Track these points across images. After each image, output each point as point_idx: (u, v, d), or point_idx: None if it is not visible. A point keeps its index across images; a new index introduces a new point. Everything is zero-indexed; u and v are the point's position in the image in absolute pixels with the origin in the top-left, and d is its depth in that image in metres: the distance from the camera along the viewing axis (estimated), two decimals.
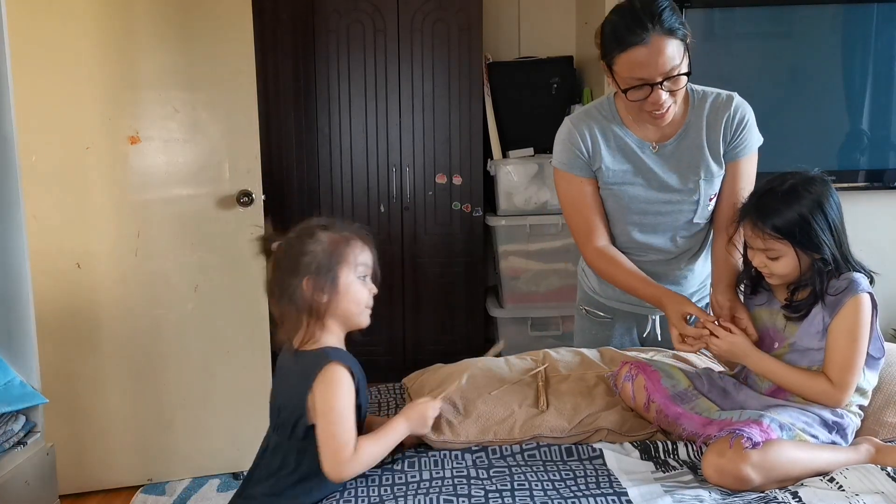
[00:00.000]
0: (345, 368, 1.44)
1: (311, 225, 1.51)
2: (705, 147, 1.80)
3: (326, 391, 1.42)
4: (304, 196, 3.64)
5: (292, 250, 1.48)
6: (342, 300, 1.48)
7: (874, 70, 3.08)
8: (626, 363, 1.74)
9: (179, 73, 2.63)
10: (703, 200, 1.83)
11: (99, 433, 2.71)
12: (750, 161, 1.83)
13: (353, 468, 1.42)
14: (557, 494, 1.40)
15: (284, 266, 1.49)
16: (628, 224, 1.88)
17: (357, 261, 1.50)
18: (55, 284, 2.55)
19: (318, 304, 1.46)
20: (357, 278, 1.50)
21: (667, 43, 1.60)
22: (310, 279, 1.46)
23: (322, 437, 1.41)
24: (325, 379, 1.42)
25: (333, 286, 1.47)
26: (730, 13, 3.10)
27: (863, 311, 1.52)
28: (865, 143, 3.13)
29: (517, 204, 3.55)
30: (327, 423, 1.41)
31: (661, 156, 1.82)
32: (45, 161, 2.49)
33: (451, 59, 3.55)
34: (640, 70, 1.62)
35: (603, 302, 2.05)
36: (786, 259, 1.55)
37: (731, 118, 1.78)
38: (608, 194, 1.87)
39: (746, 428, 1.41)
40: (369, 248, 1.54)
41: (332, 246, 1.48)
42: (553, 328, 3.65)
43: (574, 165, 1.85)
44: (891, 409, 1.65)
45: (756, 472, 1.37)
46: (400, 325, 3.73)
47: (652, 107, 1.68)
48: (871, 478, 1.40)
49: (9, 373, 2.15)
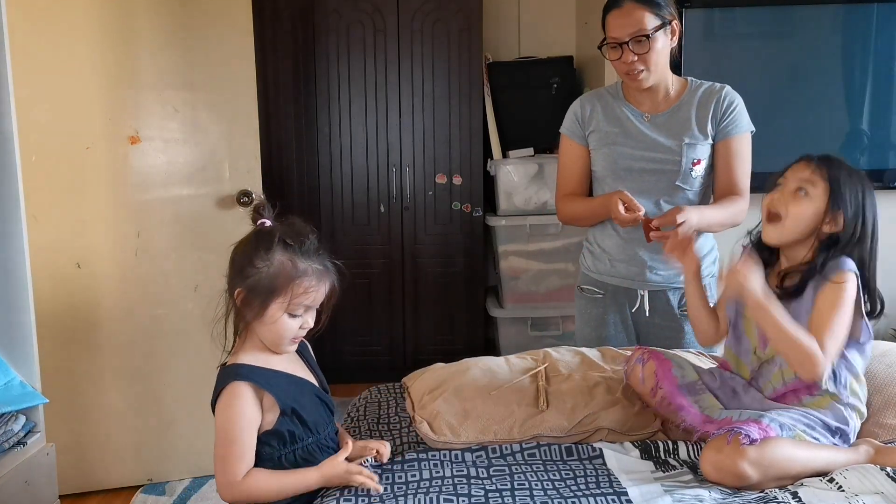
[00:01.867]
0: (247, 387, 1.41)
1: (275, 237, 1.43)
2: (693, 119, 2.04)
3: (221, 411, 1.41)
4: (304, 196, 3.64)
5: (246, 252, 1.44)
6: (263, 327, 1.44)
7: (874, 70, 3.08)
8: (639, 349, 1.76)
9: (179, 73, 2.63)
10: (686, 164, 2.03)
11: (99, 433, 2.70)
12: (742, 141, 2.05)
13: (237, 494, 1.39)
14: (557, 494, 1.40)
15: (237, 257, 1.46)
16: (617, 181, 2.08)
17: (293, 300, 1.41)
18: (55, 284, 2.55)
19: (242, 315, 1.44)
20: (286, 314, 1.43)
21: (636, 9, 1.93)
22: (243, 292, 1.43)
23: (214, 456, 1.40)
24: (223, 398, 1.41)
25: (260, 311, 1.42)
26: (730, 13, 3.10)
27: (848, 284, 1.51)
28: (865, 143, 3.13)
29: (517, 204, 3.55)
30: (217, 444, 1.40)
31: (653, 124, 2.06)
32: (45, 161, 2.49)
33: (451, 59, 3.55)
34: (613, 30, 1.96)
35: (596, 278, 2.19)
36: (809, 204, 1.55)
37: (722, 100, 2.04)
38: (599, 155, 2.11)
39: (745, 426, 1.42)
40: (325, 285, 1.45)
41: (275, 273, 1.41)
42: (553, 328, 3.65)
43: (571, 131, 2.16)
44: (890, 410, 1.65)
45: (753, 469, 1.37)
46: (400, 325, 3.73)
47: (625, 66, 1.97)
48: (871, 478, 1.40)
49: (9, 373, 2.15)
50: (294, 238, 1.44)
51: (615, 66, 2.01)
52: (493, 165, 3.54)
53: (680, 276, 2.09)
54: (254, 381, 1.42)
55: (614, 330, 2.17)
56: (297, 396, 1.47)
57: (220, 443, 1.41)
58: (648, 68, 1.97)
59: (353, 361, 3.68)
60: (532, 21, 3.93)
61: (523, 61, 3.70)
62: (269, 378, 1.44)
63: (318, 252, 1.45)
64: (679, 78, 2.10)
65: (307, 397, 1.49)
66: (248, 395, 1.41)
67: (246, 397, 1.40)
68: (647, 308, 2.13)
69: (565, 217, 2.20)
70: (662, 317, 2.13)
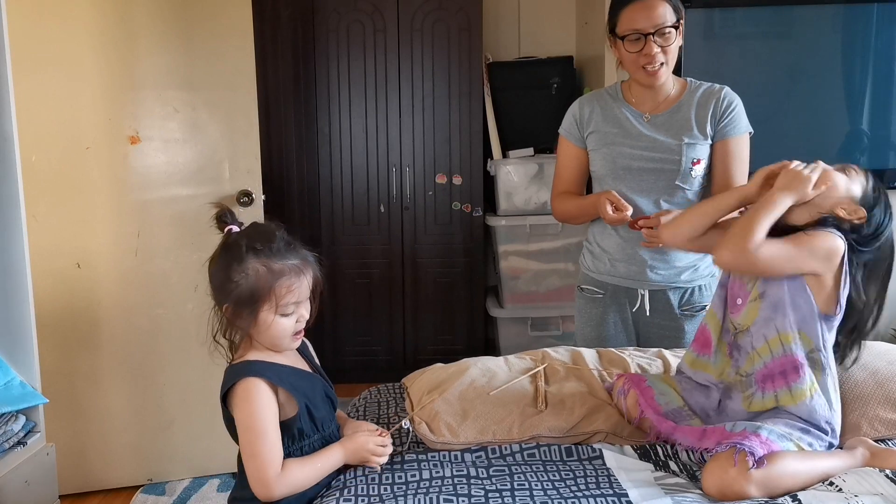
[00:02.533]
0: (262, 382, 1.40)
1: (244, 243, 1.42)
2: (692, 119, 2.05)
3: (242, 409, 1.39)
4: (304, 196, 3.64)
5: (223, 265, 1.43)
6: (262, 335, 1.44)
7: (874, 70, 3.08)
8: (621, 377, 1.74)
9: (179, 73, 2.63)
10: (686, 163, 2.03)
11: (99, 433, 2.71)
12: (740, 142, 2.05)
13: (279, 489, 1.38)
14: (557, 494, 1.40)
15: (215, 276, 1.45)
16: (616, 181, 2.08)
17: (280, 302, 1.41)
18: (55, 284, 2.55)
19: (238, 328, 1.44)
20: (278, 316, 1.42)
21: (659, 3, 1.95)
22: (230, 307, 1.42)
23: (245, 455, 1.38)
24: (239, 395, 1.39)
25: (252, 320, 1.42)
26: (730, 13, 3.10)
27: (821, 236, 1.52)
28: (865, 143, 3.13)
29: (517, 204, 3.55)
30: (247, 442, 1.38)
31: (653, 124, 2.07)
32: (45, 161, 2.49)
33: (451, 59, 3.56)
34: (636, 22, 1.95)
35: (596, 277, 2.19)
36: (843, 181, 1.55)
37: (721, 100, 2.05)
38: (598, 156, 2.11)
39: (746, 441, 1.40)
40: (307, 276, 1.43)
41: (255, 281, 1.40)
42: (553, 328, 3.65)
43: (569, 133, 2.17)
44: (889, 405, 1.66)
45: (759, 490, 1.37)
46: (400, 325, 3.73)
47: (646, 59, 1.97)
48: (870, 480, 1.40)
49: (9, 373, 2.15)
50: (262, 241, 1.42)
51: (631, 59, 2.00)
52: (493, 165, 3.54)
53: (680, 276, 2.09)
54: (267, 377, 1.41)
55: (614, 330, 2.17)
56: (309, 392, 1.47)
57: (249, 441, 1.38)
58: (668, 62, 1.99)
59: (353, 361, 3.68)
60: (532, 21, 3.93)
61: (523, 61, 3.70)
62: (281, 373, 1.44)
63: (290, 247, 1.44)
64: (679, 78, 2.11)
65: (318, 394, 1.49)
66: (265, 389, 1.40)
67: (263, 390, 1.39)
68: (647, 307, 2.13)
69: (559, 215, 2.24)
70: (662, 316, 2.13)
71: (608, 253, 2.14)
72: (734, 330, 1.64)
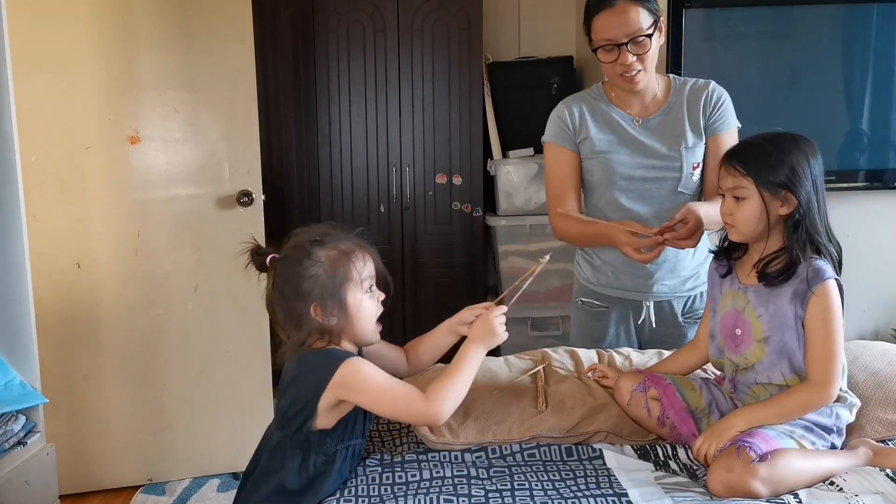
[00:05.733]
0: (359, 358, 1.42)
1: (303, 241, 1.42)
2: (686, 120, 1.98)
3: (354, 382, 1.38)
4: (304, 196, 3.64)
5: (291, 274, 1.41)
6: (355, 320, 1.43)
7: (874, 70, 3.08)
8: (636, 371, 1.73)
9: (179, 73, 2.63)
10: (687, 169, 1.97)
11: (99, 433, 2.71)
12: (730, 137, 2.00)
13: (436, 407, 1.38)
14: (557, 494, 1.40)
15: (286, 292, 1.41)
16: (615, 191, 2.00)
17: (362, 276, 1.42)
18: (55, 284, 2.55)
19: (329, 328, 1.42)
20: (364, 294, 1.44)
21: (632, 8, 1.84)
22: (317, 305, 1.40)
23: (389, 413, 1.43)
24: (347, 371, 1.38)
25: (343, 309, 1.41)
26: (730, 13, 3.09)
27: (832, 297, 1.49)
28: (865, 143, 3.13)
29: (517, 204, 3.55)
30: (380, 401, 1.39)
31: (646, 129, 1.99)
32: (45, 161, 2.49)
33: (451, 59, 3.55)
34: (608, 31, 1.86)
35: (597, 290, 2.11)
36: (750, 203, 1.51)
37: (710, 96, 1.99)
38: (595, 164, 2.02)
39: (749, 438, 1.41)
40: (370, 254, 1.46)
41: (332, 266, 1.40)
42: (553, 328, 3.65)
43: (559, 137, 2.05)
44: (890, 407, 1.66)
45: (764, 487, 1.37)
46: (400, 325, 3.72)
47: (622, 69, 1.89)
48: (871, 479, 1.41)
49: (9, 373, 2.16)
50: (318, 234, 1.44)
51: (608, 68, 1.92)
52: (493, 165, 3.54)
53: (685, 284, 2.05)
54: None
55: (616, 342, 2.11)
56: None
57: (379, 395, 1.39)
58: (646, 69, 1.91)
59: None
60: (532, 21, 3.93)
61: (523, 61, 3.70)
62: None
63: (345, 231, 1.46)
64: (662, 76, 2.04)
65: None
66: (365, 361, 1.41)
67: (365, 363, 1.41)
68: (653, 319, 2.07)
69: (560, 235, 2.07)
70: (665, 324, 2.08)
71: (611, 265, 2.06)
72: (734, 367, 1.62)
